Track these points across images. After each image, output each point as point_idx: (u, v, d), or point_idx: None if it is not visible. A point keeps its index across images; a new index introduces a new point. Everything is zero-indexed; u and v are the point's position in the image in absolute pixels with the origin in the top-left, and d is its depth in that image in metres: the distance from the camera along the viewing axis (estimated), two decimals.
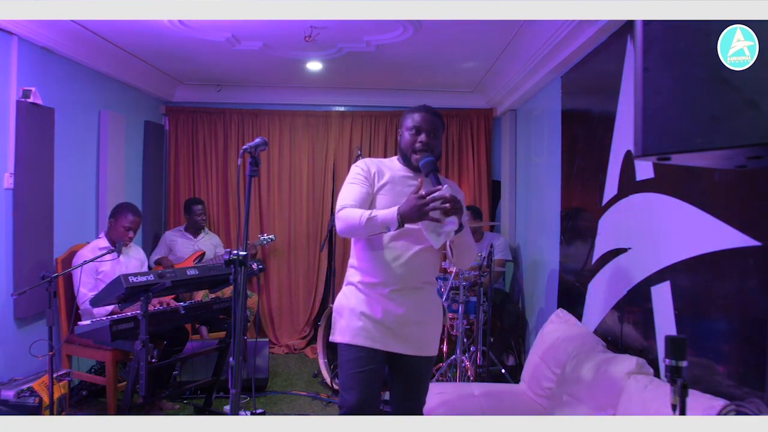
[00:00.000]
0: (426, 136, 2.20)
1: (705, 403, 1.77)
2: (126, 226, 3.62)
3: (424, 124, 2.22)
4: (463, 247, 2.21)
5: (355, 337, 2.18)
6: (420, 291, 2.24)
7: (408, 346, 2.20)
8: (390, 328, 2.17)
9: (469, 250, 2.25)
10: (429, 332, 2.28)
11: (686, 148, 1.07)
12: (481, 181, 5.50)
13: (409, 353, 2.21)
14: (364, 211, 2.08)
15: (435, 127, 2.23)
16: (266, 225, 5.48)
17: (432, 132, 2.22)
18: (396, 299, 2.18)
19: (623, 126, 2.77)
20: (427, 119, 2.23)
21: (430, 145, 2.20)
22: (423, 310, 2.24)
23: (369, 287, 2.21)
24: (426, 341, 2.26)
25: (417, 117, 2.23)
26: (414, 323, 2.21)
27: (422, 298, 2.25)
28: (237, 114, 5.51)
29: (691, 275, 2.15)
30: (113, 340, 3.02)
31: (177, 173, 5.49)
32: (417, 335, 2.22)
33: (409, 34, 3.75)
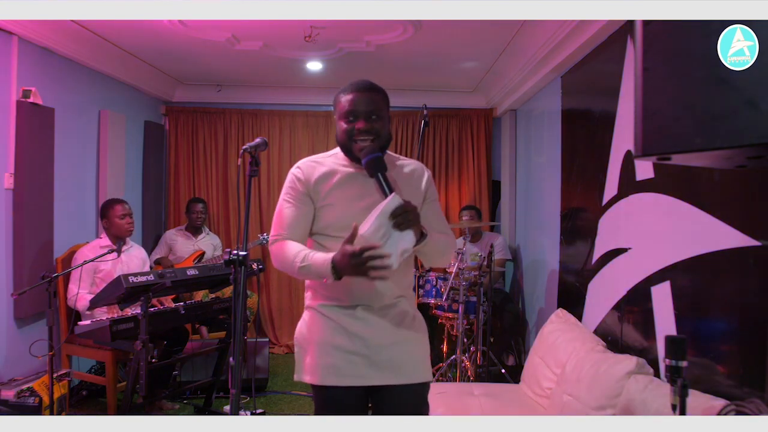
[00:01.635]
0: (364, 121, 1.77)
1: (705, 403, 1.77)
2: (119, 215, 3.63)
3: (359, 106, 1.78)
4: (432, 254, 1.84)
5: (325, 377, 1.80)
6: (392, 307, 1.84)
7: (388, 374, 1.80)
8: (363, 355, 1.79)
9: (441, 254, 1.87)
10: (410, 353, 1.85)
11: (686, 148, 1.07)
12: (481, 181, 5.50)
13: (391, 383, 1.81)
14: (299, 252, 1.75)
15: (375, 107, 1.79)
16: (266, 225, 5.47)
17: (371, 113, 1.78)
18: (365, 319, 1.80)
19: (623, 126, 2.77)
20: (361, 99, 1.78)
21: (371, 130, 1.77)
22: (398, 328, 1.84)
23: (334, 310, 1.83)
24: (409, 364, 1.83)
25: (348, 99, 1.79)
26: (390, 345, 1.81)
27: (396, 314, 1.84)
28: (237, 114, 5.51)
29: (691, 275, 2.15)
30: (113, 340, 3.02)
31: (177, 173, 5.49)
32: (397, 359, 1.81)
33: (409, 34, 3.75)
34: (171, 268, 3.75)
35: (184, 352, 3.78)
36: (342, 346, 1.81)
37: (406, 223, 1.63)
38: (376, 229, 1.62)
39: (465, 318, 3.87)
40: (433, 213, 1.91)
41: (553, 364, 2.91)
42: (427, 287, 4.15)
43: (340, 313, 1.83)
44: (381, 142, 1.81)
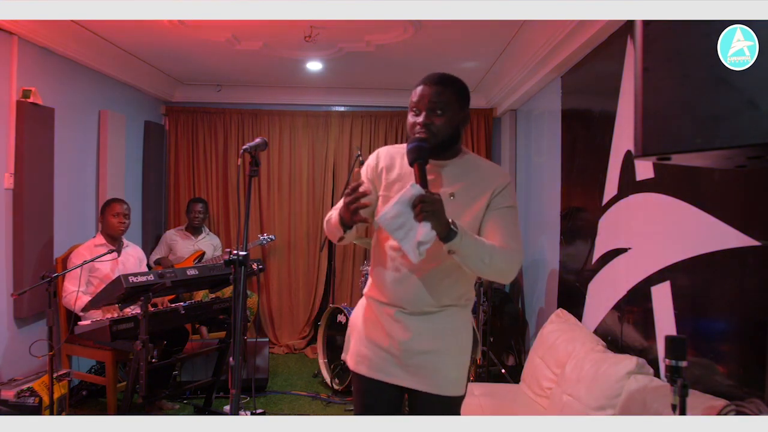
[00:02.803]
0: (426, 115, 1.73)
1: (705, 403, 1.77)
2: (114, 213, 3.64)
3: (423, 99, 1.74)
4: (468, 258, 1.64)
5: (358, 365, 1.87)
6: (435, 315, 1.79)
7: (418, 380, 1.79)
8: (395, 356, 1.80)
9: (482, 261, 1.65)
10: (442, 364, 1.79)
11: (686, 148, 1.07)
12: None
13: (418, 388, 1.79)
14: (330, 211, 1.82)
15: (439, 100, 1.72)
16: (266, 225, 5.48)
17: (434, 108, 1.72)
18: (403, 323, 1.79)
19: (623, 126, 2.77)
20: (427, 93, 1.74)
21: (431, 127, 1.72)
22: (436, 337, 1.79)
23: (377, 304, 1.86)
24: (439, 376, 1.78)
25: (417, 92, 1.76)
26: (423, 353, 1.78)
27: (437, 322, 1.79)
28: (237, 114, 5.51)
29: (691, 275, 2.15)
30: (113, 340, 3.02)
31: (177, 173, 5.49)
32: (429, 367, 1.78)
33: (409, 34, 3.75)
34: (171, 268, 3.75)
35: (184, 352, 3.78)
36: (378, 342, 1.83)
37: (424, 213, 1.54)
38: (394, 216, 1.58)
39: None
40: (495, 221, 1.74)
41: (553, 364, 2.91)
42: None
43: (382, 310, 1.84)
44: (440, 138, 1.74)
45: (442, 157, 1.80)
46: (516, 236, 1.75)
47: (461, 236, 1.59)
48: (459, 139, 1.82)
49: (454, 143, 1.80)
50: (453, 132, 1.77)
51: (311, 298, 5.48)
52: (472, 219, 1.75)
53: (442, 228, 1.58)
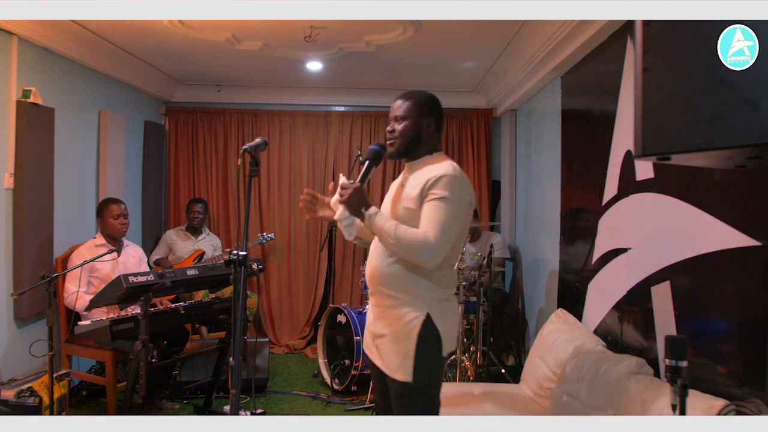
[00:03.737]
0: (391, 124, 2.06)
1: (705, 403, 1.76)
2: (114, 215, 3.62)
3: (391, 111, 2.08)
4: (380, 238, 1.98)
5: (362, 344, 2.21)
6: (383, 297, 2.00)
7: (379, 359, 2.03)
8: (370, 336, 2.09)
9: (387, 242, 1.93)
10: (390, 347, 1.96)
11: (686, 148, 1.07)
12: (481, 181, 5.49)
13: (380, 368, 2.02)
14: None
15: (400, 111, 2.04)
16: (266, 225, 5.48)
17: (397, 118, 2.04)
18: (374, 306, 2.08)
19: (623, 126, 2.77)
20: (393, 106, 2.07)
21: (394, 133, 2.04)
22: (381, 322, 2.00)
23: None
24: (389, 360, 1.96)
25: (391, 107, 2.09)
26: (378, 336, 2.02)
27: (382, 307, 2.01)
28: (237, 114, 5.51)
29: (691, 275, 2.15)
30: (113, 340, 3.02)
31: (177, 173, 5.49)
32: (381, 349, 2.00)
33: (409, 34, 3.75)
34: (171, 268, 3.74)
35: (184, 352, 3.78)
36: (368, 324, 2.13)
37: (340, 197, 1.95)
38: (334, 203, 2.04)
39: (465, 318, 3.86)
40: (425, 210, 1.93)
41: (553, 364, 2.91)
42: None
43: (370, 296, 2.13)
44: (401, 142, 2.04)
45: (408, 158, 2.09)
46: (436, 223, 1.89)
47: (369, 218, 1.93)
48: (421, 143, 2.07)
49: (417, 146, 2.06)
50: (414, 137, 2.04)
51: (311, 298, 5.47)
52: (411, 205, 1.97)
53: (352, 211, 1.96)
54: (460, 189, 1.96)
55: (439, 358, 1.99)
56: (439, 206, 1.91)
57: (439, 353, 1.97)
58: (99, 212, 3.70)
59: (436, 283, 1.98)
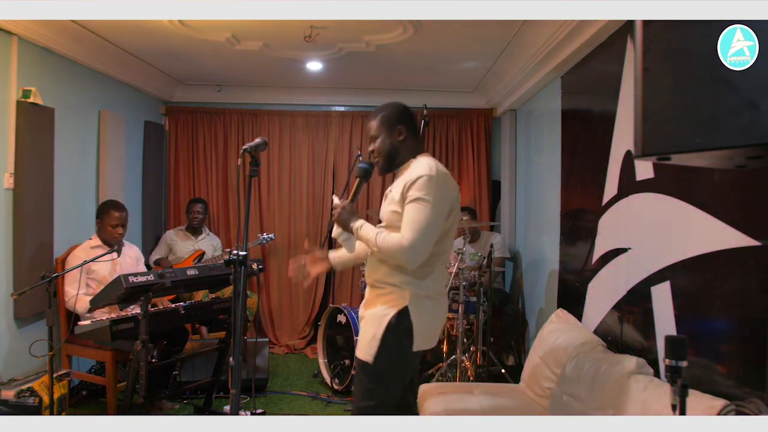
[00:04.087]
0: (371, 145, 2.25)
1: (705, 403, 1.77)
2: (113, 224, 3.59)
3: (367, 132, 2.28)
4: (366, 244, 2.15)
5: None
6: (373, 288, 2.21)
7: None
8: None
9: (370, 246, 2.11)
10: (364, 330, 2.18)
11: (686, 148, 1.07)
12: (481, 181, 5.49)
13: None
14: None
15: (372, 132, 2.22)
16: (266, 225, 5.48)
17: (372, 138, 2.23)
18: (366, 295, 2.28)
19: (623, 126, 2.77)
20: (367, 128, 2.27)
21: (374, 153, 2.23)
22: (367, 306, 2.22)
23: None
24: (360, 339, 2.18)
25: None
26: (360, 318, 2.26)
27: (372, 296, 2.21)
28: (237, 114, 5.51)
29: (691, 275, 2.15)
30: (113, 340, 3.02)
31: (177, 173, 5.49)
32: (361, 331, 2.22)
33: (409, 34, 3.75)
34: (171, 268, 3.74)
35: (184, 352, 3.78)
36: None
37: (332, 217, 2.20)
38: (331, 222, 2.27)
39: (465, 318, 3.86)
40: (405, 212, 2.03)
41: (553, 364, 2.91)
42: None
43: None
44: (382, 159, 2.21)
45: (393, 168, 2.24)
46: (412, 225, 1.99)
47: (356, 231, 2.13)
48: (399, 152, 2.20)
49: (397, 156, 2.20)
50: (391, 149, 2.19)
51: (311, 298, 5.47)
52: (397, 208, 2.07)
53: (344, 227, 2.19)
54: (437, 187, 2.01)
55: (407, 351, 2.06)
56: (415, 207, 2.00)
57: (409, 347, 2.05)
58: (99, 214, 3.67)
59: (422, 279, 2.09)
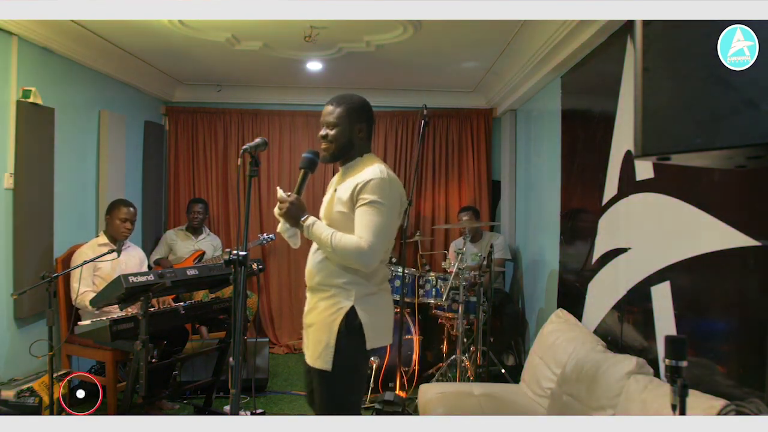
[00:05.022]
0: (324, 130, 2.17)
1: (705, 403, 1.76)
2: (121, 218, 3.64)
3: (323, 116, 2.18)
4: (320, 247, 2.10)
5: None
6: (315, 292, 2.14)
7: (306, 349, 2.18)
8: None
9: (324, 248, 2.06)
10: (315, 339, 2.08)
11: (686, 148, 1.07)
12: (481, 181, 5.49)
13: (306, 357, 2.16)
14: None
15: (333, 116, 2.14)
16: (266, 225, 5.48)
17: (329, 123, 2.15)
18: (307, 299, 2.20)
19: (623, 126, 2.77)
20: (325, 111, 2.18)
21: (327, 138, 2.15)
22: (312, 313, 2.14)
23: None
24: (312, 349, 2.10)
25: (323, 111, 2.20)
26: (308, 326, 2.16)
27: (314, 300, 2.14)
28: (237, 114, 5.51)
29: (691, 275, 2.15)
30: (113, 340, 3.02)
31: (177, 173, 5.49)
32: (309, 339, 2.14)
33: (409, 34, 3.75)
34: (171, 268, 3.74)
35: (184, 352, 3.78)
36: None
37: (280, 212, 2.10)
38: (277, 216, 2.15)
39: (465, 318, 3.86)
40: (357, 215, 2.04)
41: (553, 364, 2.91)
42: (427, 287, 4.15)
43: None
44: (334, 147, 2.15)
45: (341, 161, 2.20)
46: (369, 228, 2.00)
47: (306, 228, 2.07)
48: (353, 148, 2.17)
49: (349, 150, 2.16)
50: (346, 142, 2.14)
51: None
52: (344, 209, 2.06)
53: (292, 223, 2.10)
54: (390, 191, 2.04)
55: (361, 350, 2.05)
56: (369, 211, 2.01)
57: (363, 345, 2.05)
58: (108, 211, 3.71)
59: (364, 277, 2.07)
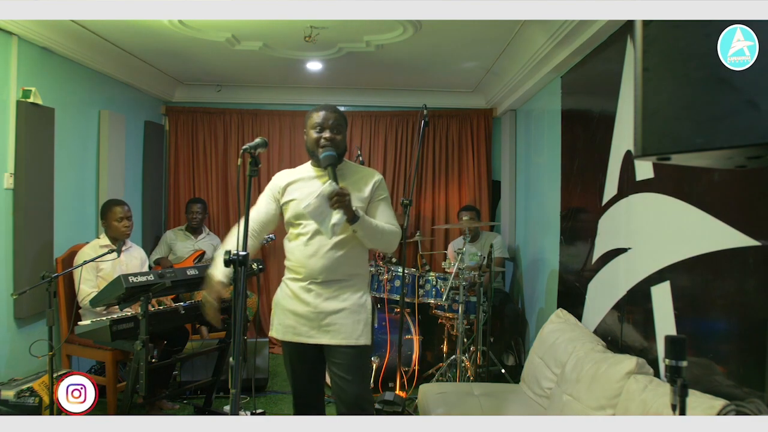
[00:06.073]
0: (329, 132, 2.34)
1: (705, 403, 1.77)
2: (118, 218, 3.62)
3: (327, 120, 2.35)
4: (367, 236, 2.31)
5: (285, 334, 2.39)
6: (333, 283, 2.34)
7: (331, 336, 2.33)
8: (311, 319, 2.34)
9: (375, 237, 2.33)
10: (352, 320, 2.34)
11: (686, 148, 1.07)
12: (481, 181, 5.49)
13: (332, 343, 2.33)
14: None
15: (338, 123, 2.36)
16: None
17: (335, 128, 2.35)
18: (315, 290, 2.33)
19: (623, 126, 2.77)
20: (330, 116, 2.36)
21: (334, 140, 2.34)
22: (334, 300, 2.33)
23: (294, 282, 2.39)
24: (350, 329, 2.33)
25: (320, 115, 2.36)
26: (332, 312, 2.33)
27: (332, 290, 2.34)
28: (237, 114, 5.51)
29: (691, 275, 2.15)
30: (113, 340, 3.01)
31: (177, 173, 5.49)
32: (339, 323, 2.33)
33: (409, 34, 3.75)
34: (171, 268, 3.74)
35: (184, 352, 3.78)
36: (296, 311, 2.36)
37: (337, 203, 2.16)
38: (316, 206, 2.17)
39: (465, 318, 3.86)
40: (381, 209, 2.40)
41: (553, 364, 2.91)
42: (427, 287, 4.15)
43: (298, 285, 2.36)
44: (341, 150, 2.37)
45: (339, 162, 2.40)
46: (394, 218, 2.42)
47: (362, 220, 2.25)
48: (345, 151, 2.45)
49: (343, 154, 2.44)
50: (344, 148, 2.42)
51: None
52: (362, 204, 2.35)
53: (350, 214, 2.20)
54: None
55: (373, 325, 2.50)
56: (388, 204, 2.44)
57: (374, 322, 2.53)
58: (103, 214, 3.68)
59: (366, 264, 2.48)
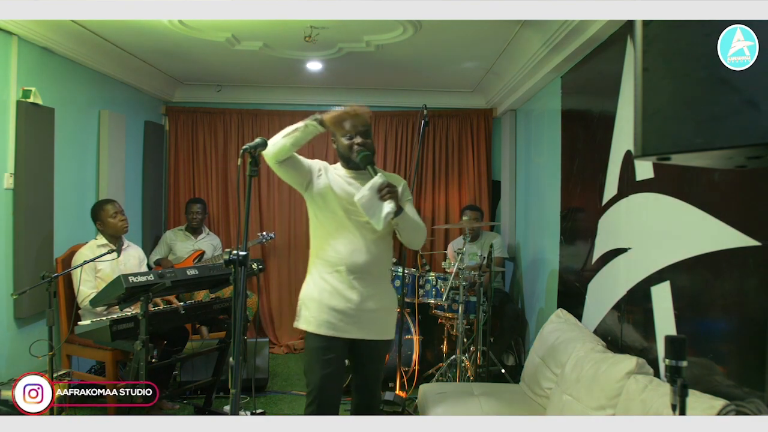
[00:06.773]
0: (361, 137, 2.44)
1: (705, 403, 1.77)
2: (112, 214, 3.60)
3: (356, 128, 2.44)
4: (407, 228, 2.42)
5: (320, 327, 2.39)
6: (374, 278, 2.44)
7: (368, 331, 2.42)
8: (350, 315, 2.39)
9: (414, 230, 2.45)
10: (390, 317, 2.53)
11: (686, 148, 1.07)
12: (481, 181, 5.49)
13: (369, 338, 2.43)
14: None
15: (366, 128, 2.46)
16: (266, 225, 5.48)
17: (364, 133, 2.45)
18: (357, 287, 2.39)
19: (623, 126, 2.77)
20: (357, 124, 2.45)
21: (365, 144, 2.44)
22: (373, 299, 2.42)
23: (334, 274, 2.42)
24: (388, 325, 2.51)
25: (350, 123, 2.43)
26: (374, 309, 2.42)
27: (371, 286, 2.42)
28: (237, 114, 5.51)
29: (690, 275, 2.15)
30: (113, 340, 3.02)
31: (177, 173, 5.49)
32: (381, 319, 2.46)
33: (409, 34, 3.75)
34: (171, 268, 3.74)
35: (184, 352, 3.78)
36: (337, 306, 2.38)
37: (388, 194, 2.28)
38: (368, 198, 2.30)
39: (465, 318, 3.86)
40: (408, 208, 2.47)
41: (553, 364, 2.92)
42: (427, 287, 4.15)
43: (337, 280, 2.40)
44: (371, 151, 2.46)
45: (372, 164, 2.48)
46: (420, 218, 2.55)
47: (405, 212, 2.38)
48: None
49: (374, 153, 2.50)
50: (374, 146, 2.50)
51: None
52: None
53: (397, 205, 2.30)
54: None
55: None
56: (413, 206, 2.56)
57: None
58: (95, 215, 3.64)
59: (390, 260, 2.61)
